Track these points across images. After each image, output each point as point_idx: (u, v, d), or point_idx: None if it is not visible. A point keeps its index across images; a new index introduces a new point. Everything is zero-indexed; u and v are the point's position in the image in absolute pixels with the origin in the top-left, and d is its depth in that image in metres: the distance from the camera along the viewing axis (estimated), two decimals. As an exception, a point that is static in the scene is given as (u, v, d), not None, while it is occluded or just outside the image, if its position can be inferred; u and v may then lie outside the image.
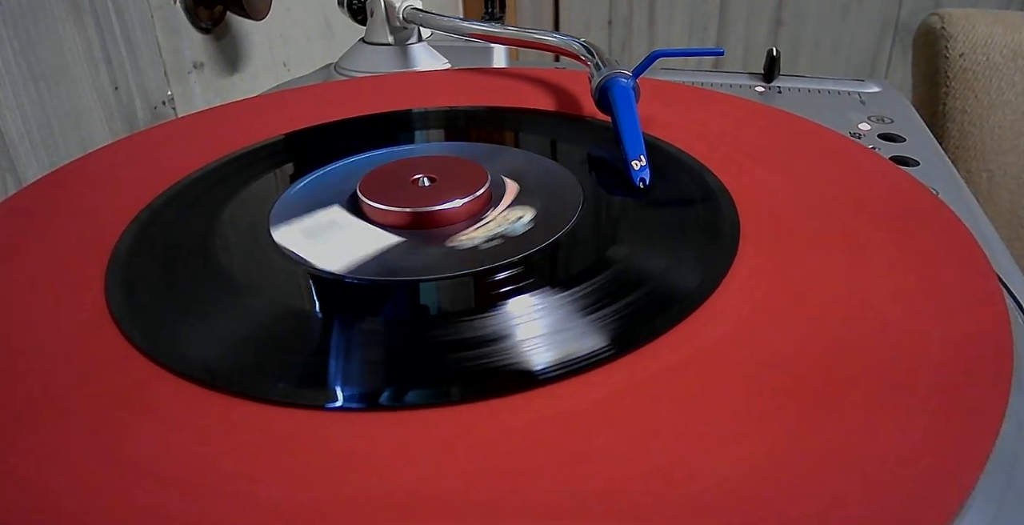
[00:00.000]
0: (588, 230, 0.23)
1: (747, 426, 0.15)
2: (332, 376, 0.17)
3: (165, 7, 0.47)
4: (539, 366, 0.17)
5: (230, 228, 0.24)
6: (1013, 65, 0.58)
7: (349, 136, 0.31)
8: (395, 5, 0.44)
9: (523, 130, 0.31)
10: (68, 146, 0.41)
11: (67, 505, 0.14)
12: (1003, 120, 0.58)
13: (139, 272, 0.22)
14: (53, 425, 0.16)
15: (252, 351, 0.18)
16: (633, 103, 0.28)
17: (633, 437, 0.15)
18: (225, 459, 0.15)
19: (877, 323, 0.18)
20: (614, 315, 0.19)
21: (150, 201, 0.26)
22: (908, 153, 0.34)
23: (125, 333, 0.19)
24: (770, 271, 0.20)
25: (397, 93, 0.35)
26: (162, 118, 0.47)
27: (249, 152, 0.29)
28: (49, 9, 0.39)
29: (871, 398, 0.16)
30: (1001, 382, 0.16)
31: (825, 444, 0.15)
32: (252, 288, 0.21)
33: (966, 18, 0.59)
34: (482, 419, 0.16)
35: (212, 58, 0.52)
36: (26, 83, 0.38)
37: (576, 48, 0.34)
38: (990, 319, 0.18)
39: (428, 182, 0.25)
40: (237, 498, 0.14)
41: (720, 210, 0.23)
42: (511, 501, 0.14)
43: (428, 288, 0.20)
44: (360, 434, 0.16)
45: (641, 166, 0.25)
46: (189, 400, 0.17)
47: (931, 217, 0.22)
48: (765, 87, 0.44)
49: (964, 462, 0.14)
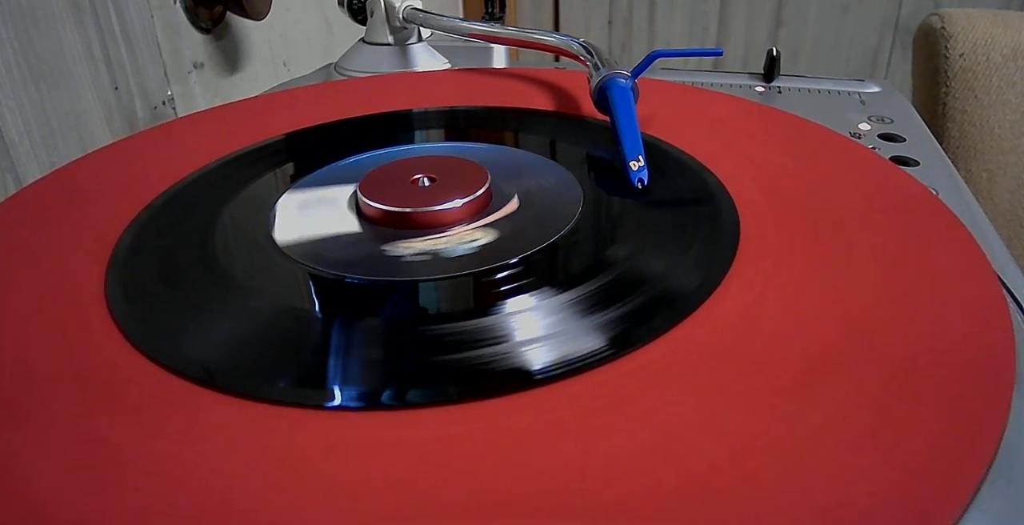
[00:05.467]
0: (587, 230, 0.23)
1: (747, 426, 0.15)
2: (331, 376, 0.17)
3: (165, 7, 0.47)
4: (538, 366, 0.17)
5: (230, 228, 0.24)
6: (1013, 65, 0.57)
7: (349, 136, 0.31)
8: (395, 5, 0.44)
9: (523, 130, 0.31)
10: (68, 146, 0.41)
11: (66, 504, 0.14)
12: (1003, 120, 0.58)
13: (139, 272, 0.22)
14: (53, 425, 0.16)
15: (251, 351, 0.18)
16: (632, 103, 0.28)
17: (632, 437, 0.15)
18: (224, 458, 0.15)
19: (877, 323, 0.18)
20: (613, 315, 0.19)
21: (150, 201, 0.26)
22: (908, 153, 0.34)
23: (125, 333, 0.19)
24: (770, 271, 0.20)
25: (397, 93, 0.35)
26: (162, 118, 0.47)
27: (249, 152, 0.29)
28: (49, 9, 0.39)
29: (871, 398, 0.16)
30: (1002, 382, 0.16)
31: (825, 445, 0.15)
32: (252, 288, 0.21)
33: (966, 18, 0.59)
34: (481, 419, 0.16)
35: (212, 58, 0.52)
36: (26, 83, 0.38)
37: (575, 48, 0.34)
38: (990, 319, 0.18)
39: (428, 182, 0.25)
40: (236, 497, 0.14)
41: (720, 210, 0.23)
42: (510, 501, 0.14)
43: (427, 288, 0.20)
44: (359, 434, 0.15)
45: (640, 166, 0.25)
46: (188, 399, 0.17)
47: (931, 217, 0.22)
48: (765, 87, 0.44)
49: (966, 462, 0.14)
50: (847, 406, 0.15)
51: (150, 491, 0.14)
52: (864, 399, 0.16)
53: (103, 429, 0.16)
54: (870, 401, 0.15)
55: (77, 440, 0.16)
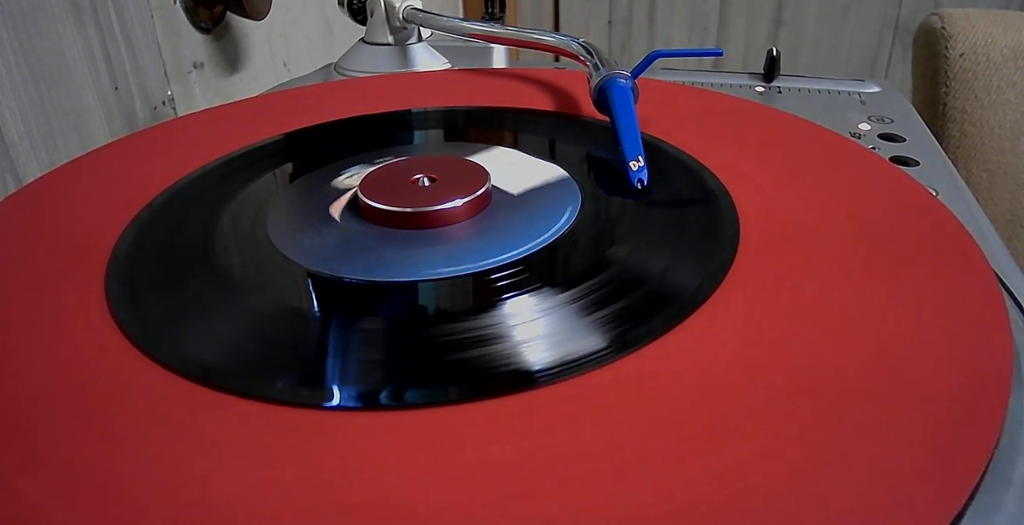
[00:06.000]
0: (587, 230, 0.23)
1: (746, 427, 0.15)
2: (330, 375, 0.17)
3: (165, 7, 0.47)
4: (538, 366, 0.17)
5: (230, 228, 0.24)
6: (1013, 65, 0.57)
7: (349, 136, 0.31)
8: (395, 5, 0.44)
9: (523, 130, 0.31)
10: (68, 146, 0.41)
11: (64, 503, 0.14)
12: (1003, 120, 0.58)
13: (139, 272, 0.22)
14: (52, 424, 0.16)
15: (251, 350, 0.18)
16: (631, 104, 0.28)
17: (632, 438, 0.15)
18: (223, 458, 0.15)
19: (876, 323, 0.18)
20: (613, 316, 0.19)
21: (150, 201, 0.26)
22: (908, 153, 0.34)
23: (125, 333, 0.19)
24: (769, 271, 0.20)
25: (397, 93, 0.35)
26: (162, 118, 0.47)
27: (249, 152, 0.29)
28: (49, 9, 0.39)
29: (871, 398, 0.16)
30: (1002, 382, 0.16)
31: (824, 445, 0.15)
32: (252, 288, 0.21)
33: (966, 18, 0.59)
34: (480, 419, 0.16)
35: (212, 58, 0.52)
36: (26, 83, 0.38)
37: (575, 48, 0.34)
38: (990, 319, 0.18)
39: (428, 182, 0.25)
40: (234, 496, 0.14)
41: (720, 210, 0.23)
42: (509, 502, 0.14)
43: (426, 288, 0.20)
44: (358, 433, 0.15)
45: (639, 167, 0.25)
46: (188, 399, 0.17)
47: (930, 218, 0.22)
48: (765, 87, 0.44)
49: (965, 462, 0.14)
50: (845, 406, 0.15)
51: (150, 490, 0.14)
52: (862, 399, 0.16)
53: (103, 429, 0.16)
54: (868, 401, 0.15)
55: (77, 440, 0.16)
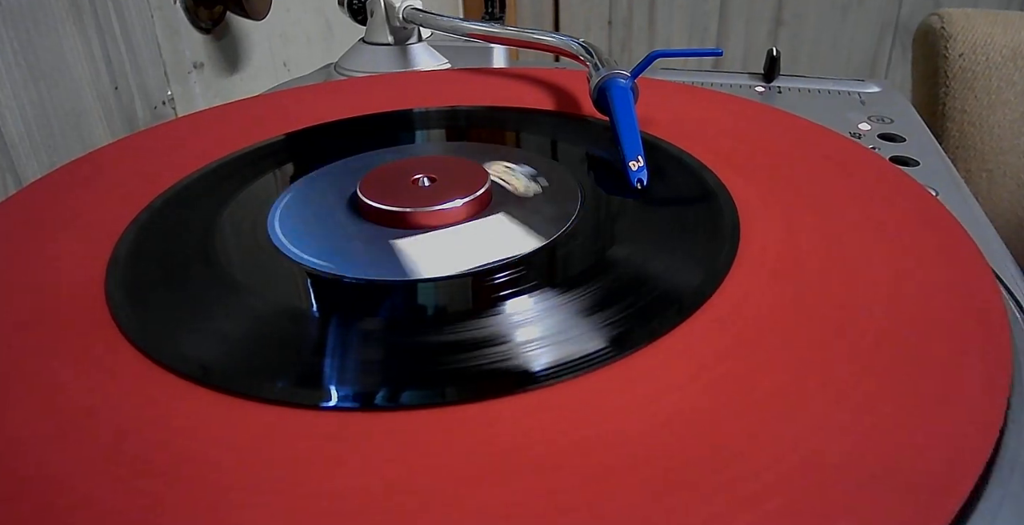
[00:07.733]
0: (587, 231, 0.23)
1: (746, 427, 0.15)
2: (328, 376, 0.17)
3: (165, 7, 0.47)
4: (538, 367, 0.17)
5: (230, 228, 0.24)
6: (1013, 65, 0.57)
7: (349, 136, 0.31)
8: (395, 5, 0.44)
9: (523, 130, 0.31)
10: (68, 146, 0.41)
11: (64, 502, 0.14)
12: (1003, 120, 0.58)
13: (139, 272, 0.22)
14: (52, 423, 0.16)
15: (250, 350, 0.18)
16: (631, 104, 0.28)
17: (632, 438, 0.15)
18: (221, 457, 0.15)
19: (875, 323, 0.18)
20: (613, 316, 0.19)
21: (150, 201, 0.26)
22: (908, 153, 0.34)
23: (125, 333, 0.19)
24: (769, 271, 0.20)
25: (397, 93, 0.35)
26: (162, 118, 0.47)
27: (249, 152, 0.29)
28: (49, 9, 0.39)
29: (870, 399, 0.16)
30: (1001, 382, 0.16)
31: (823, 445, 0.15)
32: (252, 288, 0.21)
33: (966, 18, 0.59)
34: (479, 420, 0.16)
35: (212, 58, 0.52)
36: (26, 83, 0.38)
37: (575, 48, 0.34)
38: (989, 319, 0.18)
39: (428, 182, 0.25)
40: (233, 496, 0.14)
41: (720, 210, 0.23)
42: (509, 502, 0.14)
43: (426, 288, 0.20)
44: (356, 433, 0.16)
45: (639, 167, 0.25)
46: (188, 399, 0.17)
47: (929, 218, 0.22)
48: (765, 87, 0.44)
49: (964, 463, 0.14)
50: (844, 406, 0.15)
51: (150, 490, 0.14)
52: (861, 399, 0.16)
53: (102, 428, 0.16)
54: (867, 401, 0.16)
55: (74, 438, 0.16)
